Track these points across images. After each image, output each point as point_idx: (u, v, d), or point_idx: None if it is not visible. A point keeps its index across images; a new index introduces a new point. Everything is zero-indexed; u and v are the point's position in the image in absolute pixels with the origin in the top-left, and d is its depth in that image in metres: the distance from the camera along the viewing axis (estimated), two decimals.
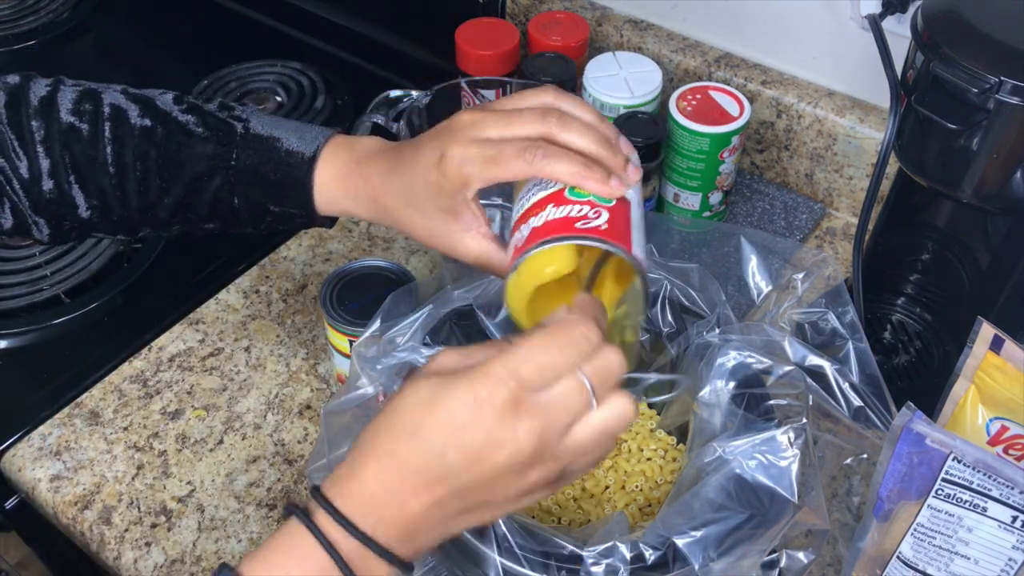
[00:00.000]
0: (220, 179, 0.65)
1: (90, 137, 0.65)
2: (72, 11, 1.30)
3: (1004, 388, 0.61)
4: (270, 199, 0.65)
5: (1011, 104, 0.61)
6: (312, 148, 0.64)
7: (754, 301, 0.68)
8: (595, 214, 0.55)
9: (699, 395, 0.63)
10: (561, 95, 0.59)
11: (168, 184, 0.65)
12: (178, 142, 0.65)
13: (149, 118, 0.65)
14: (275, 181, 0.64)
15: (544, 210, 0.55)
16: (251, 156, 0.65)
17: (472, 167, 0.56)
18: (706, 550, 0.53)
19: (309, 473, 0.61)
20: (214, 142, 0.64)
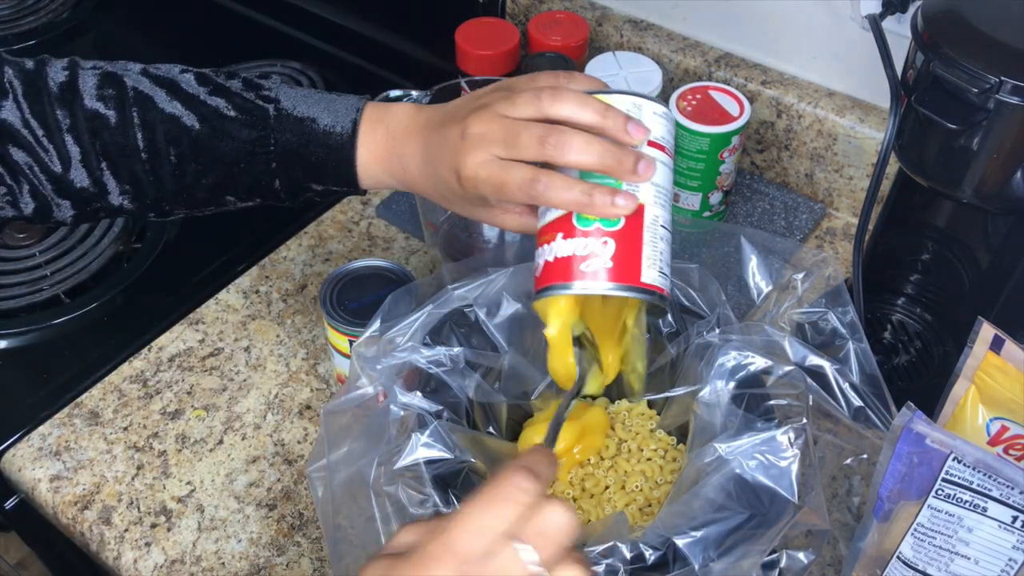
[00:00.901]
0: (260, 164, 0.65)
1: (118, 123, 0.64)
2: (72, 11, 1.30)
3: (1004, 388, 0.61)
4: (313, 179, 0.65)
5: (1011, 104, 0.61)
6: (349, 125, 0.64)
7: (754, 301, 0.68)
8: (601, 247, 0.54)
9: (699, 395, 0.63)
10: (556, 97, 0.57)
11: (205, 168, 0.65)
12: (212, 127, 0.64)
13: (179, 102, 0.64)
14: (317, 162, 0.64)
15: (555, 240, 0.56)
16: (289, 139, 0.64)
17: (486, 189, 0.58)
18: (706, 550, 0.53)
19: (309, 473, 0.61)
20: (248, 127, 0.64)
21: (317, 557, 0.72)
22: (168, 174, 0.65)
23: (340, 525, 0.59)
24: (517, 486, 0.44)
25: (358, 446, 0.60)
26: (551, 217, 0.57)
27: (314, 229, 0.97)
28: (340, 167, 0.64)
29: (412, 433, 0.59)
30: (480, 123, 0.58)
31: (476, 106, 0.59)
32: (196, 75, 0.66)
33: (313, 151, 0.64)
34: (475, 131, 0.58)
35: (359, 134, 0.64)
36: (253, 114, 0.64)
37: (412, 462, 0.59)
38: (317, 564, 0.71)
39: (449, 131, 0.60)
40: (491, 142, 0.57)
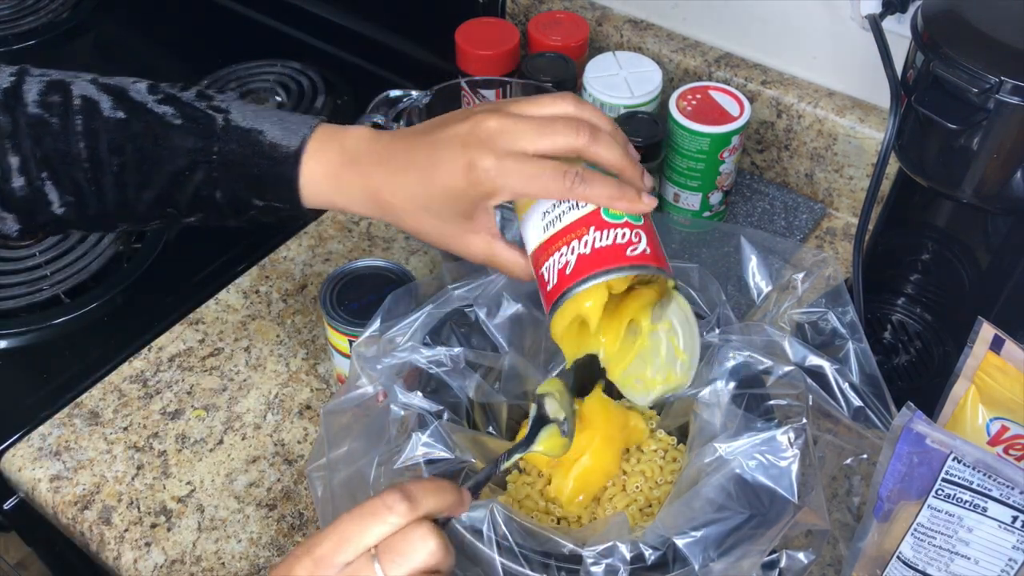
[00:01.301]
0: (202, 173, 0.62)
1: (61, 130, 0.62)
2: (72, 11, 1.30)
3: (1004, 388, 0.61)
4: (253, 193, 0.63)
5: (1011, 104, 0.61)
6: (297, 140, 0.62)
7: (754, 301, 0.68)
8: (637, 237, 0.57)
9: (699, 395, 0.63)
10: (581, 105, 0.59)
11: (147, 179, 0.62)
12: (155, 135, 0.62)
13: (123, 110, 0.63)
14: (259, 175, 0.62)
15: (587, 234, 0.56)
16: (233, 150, 0.62)
17: (507, 180, 0.56)
18: (706, 550, 0.53)
19: (309, 472, 0.61)
20: (194, 135, 0.62)
21: None
22: (110, 185, 0.63)
23: None
24: (386, 504, 0.46)
25: (358, 446, 0.60)
26: (572, 218, 0.57)
27: (314, 229, 0.97)
28: (282, 182, 0.62)
29: (412, 433, 0.59)
30: (497, 119, 0.57)
31: (478, 110, 0.59)
32: (148, 85, 0.65)
33: (256, 163, 0.62)
34: (493, 125, 0.57)
35: (307, 150, 0.62)
36: (200, 122, 0.62)
37: (412, 462, 0.59)
38: None
39: (452, 128, 0.58)
40: (518, 133, 0.56)
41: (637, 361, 0.62)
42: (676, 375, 0.62)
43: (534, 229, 0.60)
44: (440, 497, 0.49)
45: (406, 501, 0.47)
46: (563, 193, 0.56)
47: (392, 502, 0.46)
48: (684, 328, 0.61)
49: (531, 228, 0.60)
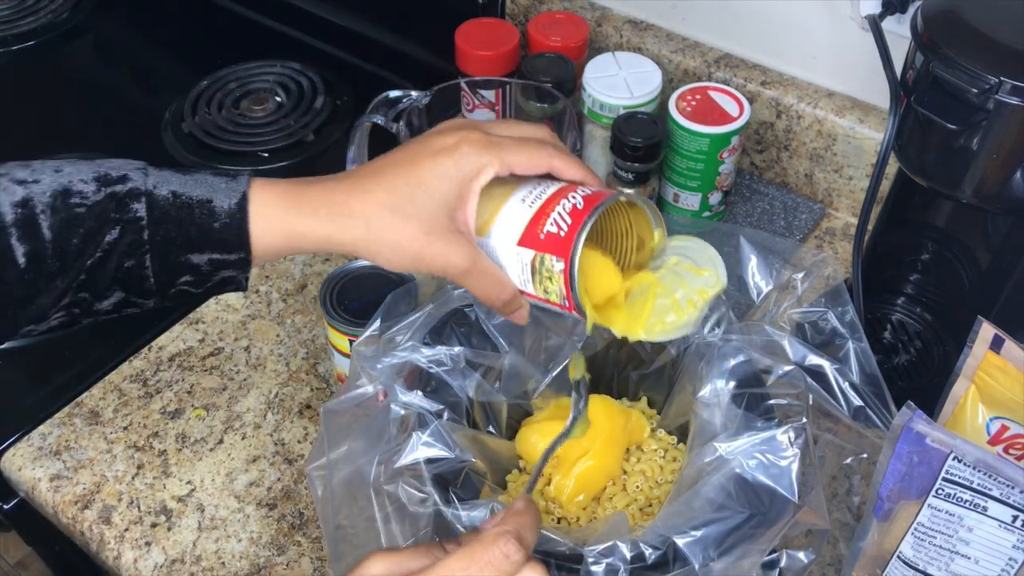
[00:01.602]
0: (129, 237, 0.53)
1: None
2: (72, 11, 1.30)
3: (1004, 388, 0.61)
4: (193, 248, 0.54)
5: (1011, 104, 0.61)
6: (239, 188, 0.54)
7: (754, 301, 0.68)
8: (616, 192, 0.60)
9: (699, 395, 0.63)
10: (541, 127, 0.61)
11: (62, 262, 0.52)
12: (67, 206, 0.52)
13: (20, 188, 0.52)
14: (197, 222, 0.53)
15: (575, 191, 0.57)
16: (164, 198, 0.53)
17: (494, 151, 0.55)
18: (706, 550, 0.53)
19: (309, 472, 0.61)
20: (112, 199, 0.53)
21: (317, 557, 0.72)
22: (16, 278, 0.52)
23: (340, 524, 0.59)
24: (504, 553, 0.45)
25: (358, 445, 0.60)
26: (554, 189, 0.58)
27: None
28: (230, 221, 0.53)
29: (412, 432, 0.59)
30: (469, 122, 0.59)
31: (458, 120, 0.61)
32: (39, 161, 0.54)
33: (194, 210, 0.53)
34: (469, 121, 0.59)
35: (254, 186, 0.55)
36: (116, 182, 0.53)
37: (412, 461, 0.59)
38: (317, 564, 0.71)
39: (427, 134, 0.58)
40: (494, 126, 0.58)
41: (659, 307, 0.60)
42: (708, 287, 0.61)
43: (516, 216, 0.58)
44: (534, 527, 0.48)
45: (519, 547, 0.45)
46: (546, 162, 0.57)
47: (510, 551, 0.45)
48: (692, 251, 0.61)
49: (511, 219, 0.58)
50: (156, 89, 1.21)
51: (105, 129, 1.13)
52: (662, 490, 0.67)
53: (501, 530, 0.45)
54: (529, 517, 0.48)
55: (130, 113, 1.17)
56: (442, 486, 0.58)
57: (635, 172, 0.87)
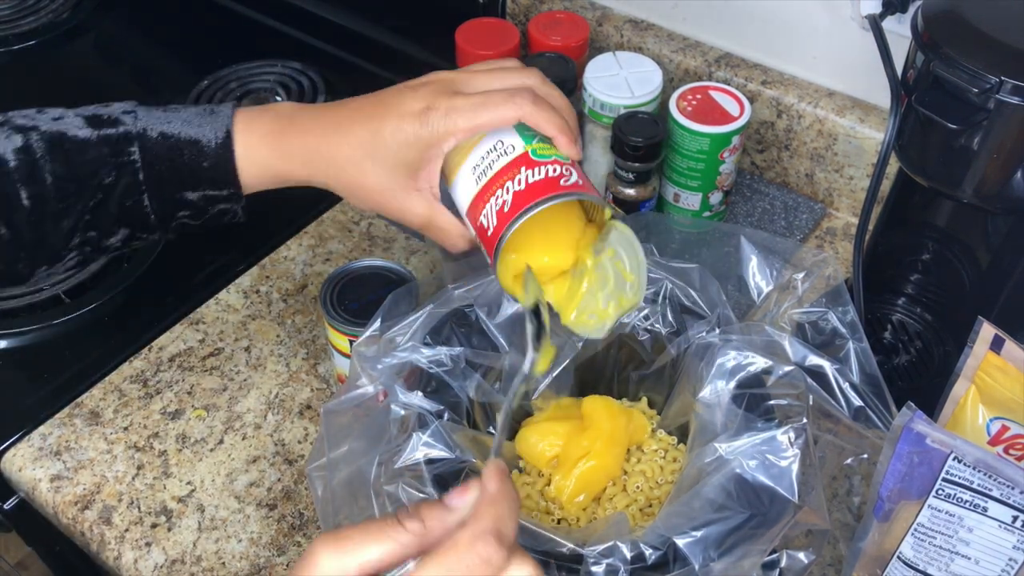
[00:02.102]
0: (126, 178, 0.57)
1: None
2: (72, 11, 1.30)
3: (1004, 388, 0.61)
4: (187, 186, 0.58)
5: (1011, 104, 0.61)
6: (223, 126, 0.58)
7: (754, 301, 0.68)
8: (567, 171, 0.58)
9: (699, 395, 0.63)
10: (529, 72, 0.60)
11: (66, 204, 0.57)
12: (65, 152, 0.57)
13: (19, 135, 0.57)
14: (188, 162, 0.58)
15: (519, 173, 0.57)
16: (156, 141, 0.58)
17: (460, 115, 0.56)
18: (706, 550, 0.53)
19: (309, 472, 0.61)
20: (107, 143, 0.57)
21: None
22: (22, 220, 0.56)
23: (340, 524, 0.59)
24: (484, 558, 0.40)
25: (358, 445, 0.60)
26: (503, 163, 0.58)
27: (314, 229, 0.97)
28: (217, 161, 0.58)
29: (412, 433, 0.59)
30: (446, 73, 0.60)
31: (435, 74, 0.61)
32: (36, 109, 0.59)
33: (183, 151, 0.58)
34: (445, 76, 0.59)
35: (237, 125, 0.58)
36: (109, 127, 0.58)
37: (413, 461, 0.59)
38: None
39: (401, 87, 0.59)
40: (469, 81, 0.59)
41: (588, 296, 0.60)
42: (627, 297, 0.61)
43: (466, 185, 0.59)
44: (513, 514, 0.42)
45: (502, 548, 0.40)
46: (514, 113, 0.57)
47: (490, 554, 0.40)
48: (627, 251, 0.61)
49: (463, 186, 0.60)
50: (157, 89, 1.21)
51: None
52: (662, 490, 0.67)
53: (477, 530, 0.40)
54: (505, 505, 0.42)
55: None
56: (442, 487, 0.58)
57: (636, 172, 0.87)
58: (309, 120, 0.59)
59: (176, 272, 0.94)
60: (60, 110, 0.59)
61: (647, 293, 0.69)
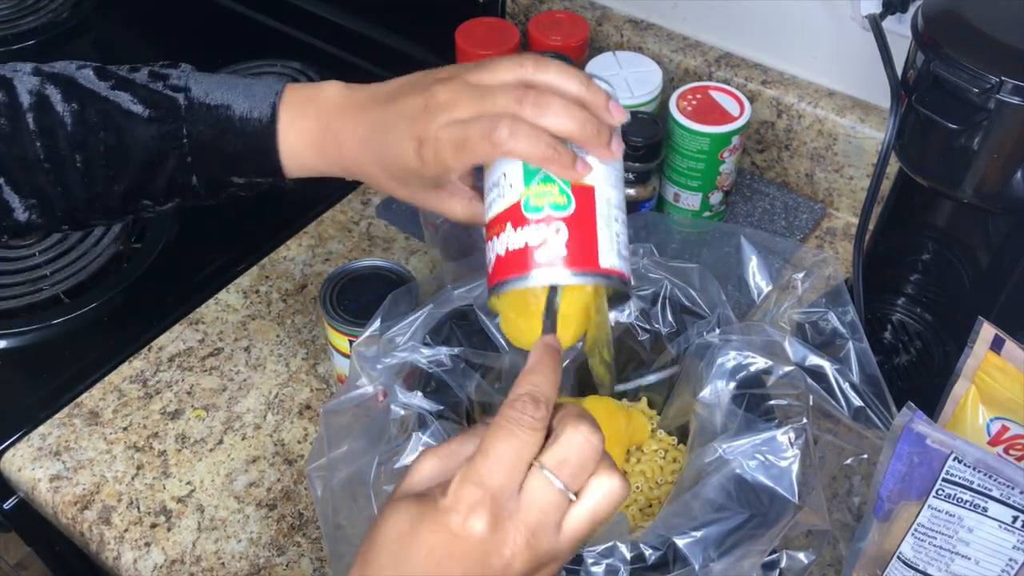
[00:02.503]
0: (174, 160, 0.59)
1: (12, 133, 0.58)
2: (72, 11, 1.30)
3: (1004, 388, 0.61)
4: (233, 172, 0.60)
5: (1012, 104, 0.61)
6: (267, 111, 0.59)
7: (754, 301, 0.68)
8: (555, 232, 0.51)
9: (699, 395, 0.63)
10: (540, 65, 0.54)
11: (116, 172, 0.59)
12: (117, 125, 0.58)
13: (76, 101, 0.59)
14: (235, 153, 0.59)
15: (504, 231, 0.52)
16: (202, 131, 0.59)
17: (446, 153, 0.53)
18: (706, 550, 0.53)
19: (308, 472, 0.61)
20: (157, 121, 0.59)
21: (317, 557, 0.72)
22: (76, 182, 0.59)
23: (340, 525, 0.59)
24: (528, 415, 0.44)
25: (358, 445, 0.60)
26: (499, 208, 0.53)
27: (314, 229, 0.97)
28: (262, 157, 0.59)
29: (412, 433, 0.59)
30: (447, 91, 0.54)
31: (439, 78, 0.56)
32: (95, 69, 0.61)
33: (230, 141, 0.59)
34: (442, 98, 0.54)
35: (282, 119, 0.59)
36: (161, 106, 0.59)
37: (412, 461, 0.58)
38: (317, 564, 0.71)
39: (407, 102, 0.56)
40: (460, 105, 0.53)
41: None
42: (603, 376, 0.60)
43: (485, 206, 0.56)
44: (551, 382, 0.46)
45: (541, 406, 0.44)
46: (492, 151, 0.52)
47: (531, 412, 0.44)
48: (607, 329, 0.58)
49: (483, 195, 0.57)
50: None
51: None
52: (662, 491, 0.67)
53: (515, 395, 0.44)
54: (541, 370, 0.46)
55: None
56: None
57: (636, 172, 0.87)
58: (343, 130, 0.58)
59: (176, 272, 0.94)
60: (123, 71, 0.61)
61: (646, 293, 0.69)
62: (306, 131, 0.59)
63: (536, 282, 0.51)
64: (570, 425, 0.44)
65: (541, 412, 0.44)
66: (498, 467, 0.43)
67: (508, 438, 0.43)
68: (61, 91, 0.59)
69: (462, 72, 0.55)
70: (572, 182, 0.52)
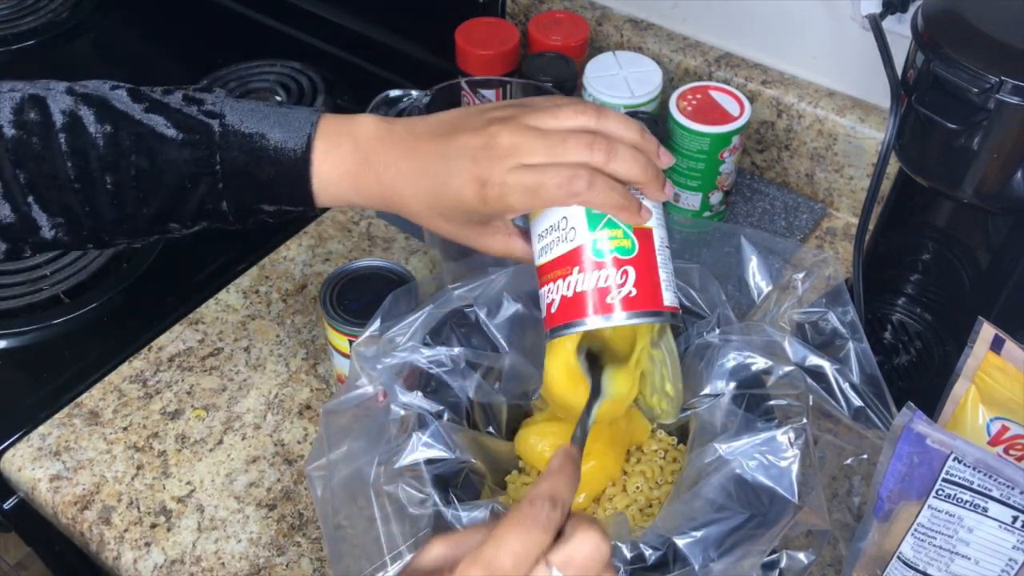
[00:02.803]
0: (205, 186, 0.60)
1: (44, 151, 0.58)
2: (72, 11, 1.31)
3: (1004, 388, 0.61)
4: (265, 200, 0.61)
5: (1011, 104, 0.61)
6: (302, 141, 0.59)
7: (754, 301, 0.68)
8: (622, 277, 0.55)
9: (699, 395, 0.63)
10: (603, 115, 0.57)
11: (146, 195, 0.59)
12: (150, 149, 0.59)
13: (109, 123, 0.59)
14: (267, 181, 0.60)
15: (570, 275, 0.55)
16: (236, 158, 0.59)
17: (514, 197, 0.55)
18: (706, 550, 0.53)
19: (308, 472, 0.61)
20: (191, 146, 0.59)
21: (317, 557, 0.72)
22: (105, 203, 0.59)
23: (340, 525, 0.59)
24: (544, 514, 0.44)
25: (358, 445, 0.60)
26: (560, 251, 0.56)
27: (314, 229, 0.97)
28: (294, 186, 0.60)
29: (412, 433, 0.59)
30: (510, 133, 0.55)
31: (494, 118, 0.57)
32: (129, 90, 0.61)
33: (263, 169, 0.59)
34: (505, 141, 0.55)
35: (316, 149, 0.59)
36: (196, 131, 0.59)
37: (412, 462, 0.59)
38: (317, 564, 0.71)
39: (464, 140, 0.57)
40: (529, 151, 0.55)
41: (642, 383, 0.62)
42: (664, 407, 0.63)
43: (533, 244, 0.59)
44: (571, 488, 0.47)
45: (558, 509, 0.45)
46: (565, 201, 0.55)
47: (547, 511, 0.44)
48: (672, 363, 0.61)
49: (533, 243, 0.59)
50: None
51: None
52: (662, 491, 0.67)
53: (534, 495, 0.45)
54: (563, 475, 0.46)
55: None
56: (442, 487, 0.58)
57: None
58: (383, 163, 0.59)
59: (176, 272, 0.94)
60: (156, 94, 0.61)
61: None
62: (342, 163, 0.60)
63: (614, 322, 0.54)
64: (581, 530, 0.44)
65: (557, 515, 0.44)
66: (507, 557, 0.43)
67: (521, 533, 0.44)
68: (95, 112, 0.59)
69: (521, 114, 0.57)
70: (634, 226, 0.56)
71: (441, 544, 0.46)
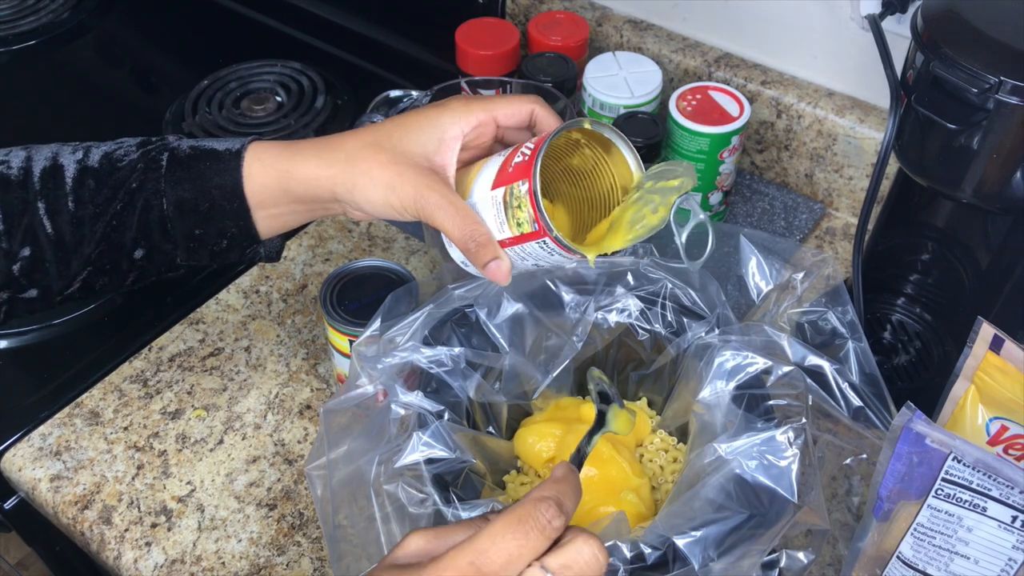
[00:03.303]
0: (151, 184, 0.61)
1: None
2: (72, 11, 1.30)
3: (1004, 388, 0.61)
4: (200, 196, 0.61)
5: (1011, 104, 0.61)
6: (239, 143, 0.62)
7: (754, 301, 0.68)
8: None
9: (699, 396, 0.63)
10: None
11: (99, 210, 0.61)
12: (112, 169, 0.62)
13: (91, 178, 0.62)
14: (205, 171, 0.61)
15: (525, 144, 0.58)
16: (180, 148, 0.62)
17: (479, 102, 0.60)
18: (706, 550, 0.53)
19: (308, 472, 0.61)
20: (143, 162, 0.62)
21: (317, 557, 0.72)
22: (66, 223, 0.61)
23: (340, 524, 0.59)
24: (547, 518, 0.43)
25: (358, 445, 0.60)
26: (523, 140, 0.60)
27: (314, 229, 0.97)
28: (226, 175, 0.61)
29: (412, 432, 0.59)
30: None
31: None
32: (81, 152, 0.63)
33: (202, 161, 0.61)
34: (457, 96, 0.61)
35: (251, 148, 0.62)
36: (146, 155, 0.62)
37: (412, 461, 0.59)
38: (317, 564, 0.71)
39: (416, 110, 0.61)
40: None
41: (632, 221, 0.60)
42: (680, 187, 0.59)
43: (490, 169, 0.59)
44: (575, 498, 0.46)
45: (560, 514, 0.44)
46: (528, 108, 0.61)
47: (551, 516, 0.43)
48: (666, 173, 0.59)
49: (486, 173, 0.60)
50: (157, 88, 1.21)
51: (106, 129, 1.12)
52: (662, 490, 0.67)
53: (539, 496, 0.44)
54: (568, 485, 0.46)
55: (131, 112, 1.17)
56: (442, 486, 0.58)
57: None
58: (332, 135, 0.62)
59: None
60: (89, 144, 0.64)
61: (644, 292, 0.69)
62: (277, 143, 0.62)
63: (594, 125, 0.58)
64: (581, 538, 0.44)
65: (559, 521, 0.44)
66: (499, 554, 0.42)
67: (519, 533, 0.43)
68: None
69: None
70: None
71: (420, 537, 0.45)
